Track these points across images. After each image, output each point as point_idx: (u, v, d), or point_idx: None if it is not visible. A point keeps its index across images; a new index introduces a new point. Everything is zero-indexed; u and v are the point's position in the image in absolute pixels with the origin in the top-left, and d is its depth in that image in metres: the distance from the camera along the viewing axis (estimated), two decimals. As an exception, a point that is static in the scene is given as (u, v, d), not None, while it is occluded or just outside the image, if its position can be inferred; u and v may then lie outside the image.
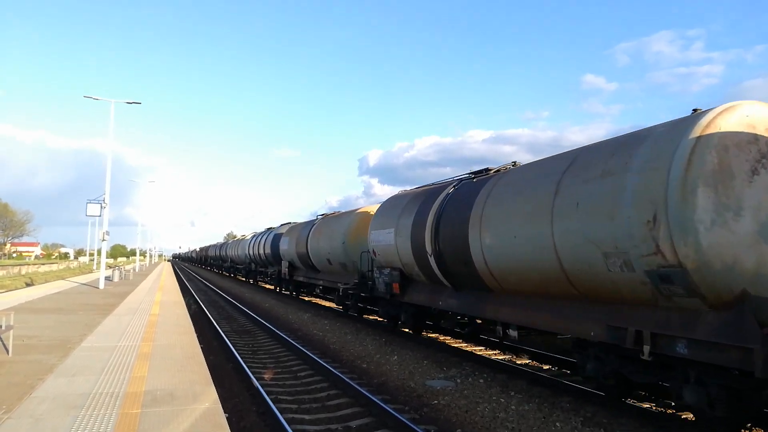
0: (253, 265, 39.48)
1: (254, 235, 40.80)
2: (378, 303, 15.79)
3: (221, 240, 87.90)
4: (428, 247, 11.34)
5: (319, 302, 25.06)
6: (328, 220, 21.08)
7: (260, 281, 39.24)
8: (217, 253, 64.98)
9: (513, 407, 8.03)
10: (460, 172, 21.90)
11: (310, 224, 23.23)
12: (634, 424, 7.21)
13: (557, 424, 7.28)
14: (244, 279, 46.26)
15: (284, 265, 26.94)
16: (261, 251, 34.44)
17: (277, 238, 30.05)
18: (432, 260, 11.30)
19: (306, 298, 26.83)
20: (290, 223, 30.97)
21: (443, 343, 13.44)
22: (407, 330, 14.95)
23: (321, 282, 21.77)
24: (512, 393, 8.79)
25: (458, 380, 9.71)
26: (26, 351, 8.94)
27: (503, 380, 9.65)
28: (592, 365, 7.88)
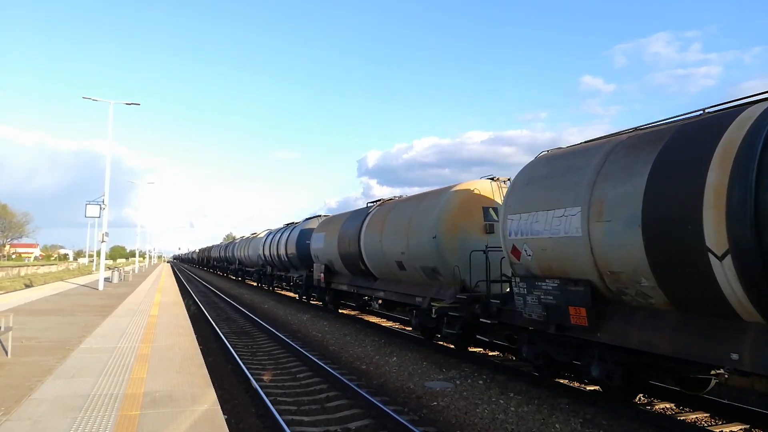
0: (269, 269, 33.25)
1: (270, 232, 34.31)
2: (518, 335, 10.06)
3: (220, 241, 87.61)
4: (711, 241, 5.79)
5: (378, 321, 18.55)
6: (398, 205, 15.05)
7: (277, 288, 33.57)
8: (222, 254, 59.47)
9: (512, 409, 8.03)
10: (460, 173, 19.49)
11: (361, 214, 17.67)
12: (633, 426, 7.21)
13: (557, 425, 7.28)
14: (256, 284, 39.44)
15: (318, 269, 21.33)
16: (282, 251, 28.22)
17: (305, 234, 24.72)
18: (724, 268, 5.73)
19: (346, 312, 21.38)
20: (320, 216, 26.22)
21: (442, 345, 13.42)
22: (599, 389, 9.02)
23: (382, 293, 15.76)
24: (511, 394, 8.79)
25: (457, 381, 9.71)
26: (25, 352, 8.93)
27: (502, 381, 9.66)
28: None
